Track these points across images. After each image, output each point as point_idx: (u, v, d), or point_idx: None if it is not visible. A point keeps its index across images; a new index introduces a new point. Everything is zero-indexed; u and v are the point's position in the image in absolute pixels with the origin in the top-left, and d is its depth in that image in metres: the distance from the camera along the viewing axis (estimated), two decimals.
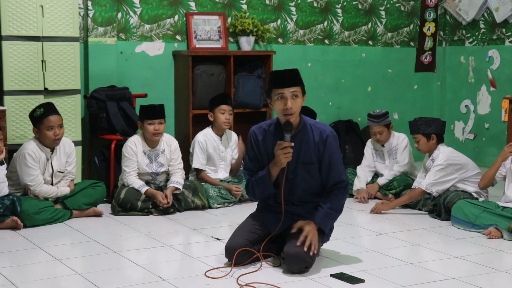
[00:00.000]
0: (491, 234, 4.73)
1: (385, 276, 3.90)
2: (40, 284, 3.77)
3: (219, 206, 5.68)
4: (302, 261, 3.89)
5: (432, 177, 5.33)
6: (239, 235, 4.07)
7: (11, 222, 4.85)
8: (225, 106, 5.87)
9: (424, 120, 5.50)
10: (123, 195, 5.35)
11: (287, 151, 3.90)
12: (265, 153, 4.05)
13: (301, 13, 7.16)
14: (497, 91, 7.27)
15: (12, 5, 5.42)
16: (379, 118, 5.99)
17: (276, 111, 3.96)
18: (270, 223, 4.13)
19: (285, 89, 3.90)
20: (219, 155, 5.90)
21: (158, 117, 5.49)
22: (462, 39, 7.67)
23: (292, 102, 3.90)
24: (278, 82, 3.92)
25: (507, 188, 4.97)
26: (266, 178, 3.99)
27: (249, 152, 4.11)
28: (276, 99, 3.92)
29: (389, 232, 4.97)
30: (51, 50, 5.56)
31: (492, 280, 3.92)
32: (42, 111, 5.08)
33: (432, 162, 5.43)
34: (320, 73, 7.33)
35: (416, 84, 7.87)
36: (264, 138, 4.05)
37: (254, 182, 4.05)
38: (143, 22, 6.47)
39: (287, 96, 3.90)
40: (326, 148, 4.00)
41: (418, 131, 5.45)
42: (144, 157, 5.53)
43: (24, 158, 5.06)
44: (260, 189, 4.05)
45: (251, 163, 4.10)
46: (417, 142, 5.48)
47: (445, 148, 5.45)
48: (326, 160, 4.01)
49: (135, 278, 3.89)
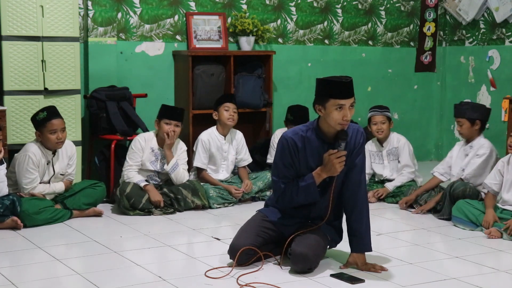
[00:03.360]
0: (491, 234, 4.73)
1: (385, 276, 3.90)
2: (40, 284, 3.77)
3: (219, 206, 5.68)
4: (307, 262, 3.90)
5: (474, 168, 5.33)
6: (246, 237, 4.05)
7: (11, 222, 4.85)
8: (230, 104, 5.89)
9: (470, 105, 5.48)
10: (129, 190, 5.36)
11: (343, 160, 3.87)
12: (304, 160, 3.98)
13: (301, 13, 7.16)
14: (497, 91, 7.27)
15: (12, 5, 5.42)
16: (382, 108, 6.02)
17: (330, 119, 3.85)
18: (284, 227, 4.11)
19: (346, 101, 3.82)
20: (222, 155, 5.90)
21: (176, 119, 5.52)
22: (462, 39, 7.67)
23: (350, 113, 3.85)
24: (339, 93, 3.81)
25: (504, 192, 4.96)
26: (311, 186, 3.93)
27: (284, 159, 3.98)
28: (335, 109, 3.82)
29: (389, 232, 4.97)
30: (51, 50, 5.56)
31: (492, 280, 3.92)
32: (45, 115, 5.08)
33: (469, 149, 5.42)
34: (320, 73, 7.31)
35: (416, 84, 7.87)
36: (305, 146, 3.96)
37: (294, 190, 3.97)
38: (143, 22, 6.47)
39: (347, 107, 3.84)
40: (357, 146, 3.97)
41: (464, 115, 5.40)
42: (151, 155, 5.54)
43: (25, 160, 5.06)
44: (302, 197, 3.97)
45: (287, 170, 3.98)
46: (460, 126, 5.43)
47: (485, 139, 5.44)
48: (355, 158, 3.98)
49: (135, 278, 3.88)
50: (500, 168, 4.99)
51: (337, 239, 4.24)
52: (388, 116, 6.02)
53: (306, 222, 4.11)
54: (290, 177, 3.99)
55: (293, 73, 7.19)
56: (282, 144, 3.97)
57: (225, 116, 5.85)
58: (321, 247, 4.02)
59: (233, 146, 5.96)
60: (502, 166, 4.98)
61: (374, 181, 6.14)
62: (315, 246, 3.95)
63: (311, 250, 3.91)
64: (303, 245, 3.90)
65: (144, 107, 6.34)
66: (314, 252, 3.93)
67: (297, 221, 4.11)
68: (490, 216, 4.83)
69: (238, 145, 6.00)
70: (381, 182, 6.08)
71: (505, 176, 4.95)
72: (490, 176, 5.07)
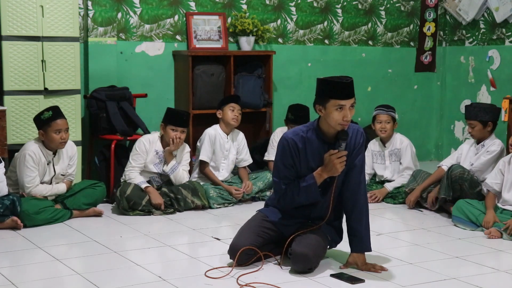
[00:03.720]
0: (491, 234, 4.73)
1: (385, 276, 3.90)
2: (40, 284, 3.77)
3: (219, 207, 5.68)
4: (308, 262, 3.90)
5: (482, 162, 5.33)
6: (246, 237, 4.05)
7: (11, 222, 4.85)
8: (236, 105, 5.90)
9: (482, 107, 5.48)
10: (130, 192, 5.36)
11: (343, 160, 3.88)
12: (305, 161, 3.98)
13: (301, 13, 7.16)
14: (497, 91, 7.27)
15: (12, 5, 5.42)
16: (388, 108, 6.04)
17: (331, 120, 3.85)
18: (284, 227, 4.11)
19: (347, 101, 3.82)
20: (223, 153, 5.90)
21: (182, 125, 5.53)
22: (462, 39, 7.67)
23: (350, 113, 3.85)
24: (339, 94, 3.81)
25: (504, 192, 4.96)
26: (312, 187, 3.93)
27: (284, 160, 3.98)
28: (335, 109, 3.82)
29: (389, 232, 4.97)
30: (51, 50, 5.56)
31: (492, 280, 3.91)
32: (51, 114, 5.09)
33: (481, 147, 5.43)
34: (320, 73, 7.32)
35: (416, 84, 7.87)
36: (306, 146, 3.96)
37: (295, 191, 3.97)
38: (143, 22, 6.47)
39: (347, 107, 3.83)
40: (357, 146, 3.97)
41: (476, 117, 5.40)
42: (155, 157, 5.54)
43: (24, 159, 5.06)
44: (303, 198, 3.98)
45: (288, 171, 3.98)
46: (471, 128, 5.43)
47: (496, 138, 5.45)
48: (355, 158, 3.98)
49: (135, 278, 3.88)
50: (501, 167, 4.99)
51: (337, 239, 4.25)
52: (393, 116, 6.03)
53: (306, 222, 4.11)
54: (291, 178, 3.99)
55: (293, 73, 7.19)
56: (283, 145, 3.97)
57: (230, 116, 5.86)
58: (321, 247, 4.02)
59: (234, 145, 5.96)
60: (503, 166, 4.98)
61: (375, 182, 6.14)
62: (315, 246, 3.95)
63: (311, 250, 3.91)
64: (303, 245, 3.90)
65: (144, 107, 6.34)
66: (315, 252, 3.93)
67: (298, 221, 4.11)
68: (490, 216, 4.83)
69: (239, 145, 6.00)
70: (381, 182, 6.08)
71: (505, 176, 4.95)
72: (491, 175, 5.07)
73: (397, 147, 6.03)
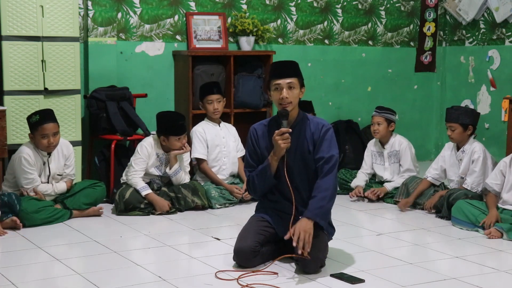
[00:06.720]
0: (491, 234, 4.73)
1: (385, 276, 3.90)
2: (40, 284, 3.78)
3: (220, 207, 5.68)
4: (317, 261, 3.92)
5: (477, 175, 5.31)
6: (247, 237, 4.05)
7: (10, 222, 4.85)
8: (212, 96, 5.87)
9: (463, 110, 5.49)
10: (128, 196, 5.35)
11: (286, 137, 3.93)
12: (265, 147, 4.09)
13: (301, 13, 7.16)
14: (497, 91, 7.27)
15: (12, 5, 5.42)
16: (382, 109, 6.03)
17: (274, 101, 4.03)
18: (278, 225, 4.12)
19: (282, 80, 3.97)
20: (221, 141, 5.87)
21: (184, 132, 5.51)
22: (462, 39, 7.67)
23: (287, 92, 3.96)
24: (276, 73, 4.01)
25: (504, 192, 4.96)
26: (267, 169, 4.00)
27: (249, 148, 4.16)
28: (274, 89, 4.00)
29: (389, 232, 4.97)
30: (51, 50, 5.56)
31: (492, 280, 3.92)
32: (38, 119, 5.07)
33: (462, 154, 5.42)
34: (320, 73, 7.33)
35: (416, 84, 7.87)
36: (264, 133, 4.11)
37: (254, 176, 4.07)
38: (143, 22, 6.47)
39: (283, 86, 3.96)
40: (321, 136, 4.03)
41: (457, 120, 5.40)
42: (156, 160, 5.54)
43: (20, 162, 5.07)
44: (261, 182, 4.05)
45: (251, 159, 4.14)
46: (452, 131, 5.43)
47: (475, 141, 5.44)
48: (319, 144, 4.02)
49: (135, 278, 3.88)
50: (502, 168, 4.98)
51: (332, 230, 4.24)
52: (387, 118, 6.00)
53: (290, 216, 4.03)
54: (255, 165, 4.11)
55: None
56: (249, 134, 4.18)
57: (210, 110, 5.88)
58: (325, 245, 4.06)
59: (231, 135, 5.97)
60: (504, 167, 4.98)
61: (374, 182, 6.14)
62: (322, 246, 3.98)
63: (320, 251, 3.94)
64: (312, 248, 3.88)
65: (144, 107, 6.34)
66: (323, 253, 3.99)
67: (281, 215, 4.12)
68: (493, 215, 4.83)
69: (235, 134, 6.02)
70: (381, 183, 6.08)
71: (507, 177, 4.95)
72: (492, 176, 5.06)
73: (396, 149, 6.03)
